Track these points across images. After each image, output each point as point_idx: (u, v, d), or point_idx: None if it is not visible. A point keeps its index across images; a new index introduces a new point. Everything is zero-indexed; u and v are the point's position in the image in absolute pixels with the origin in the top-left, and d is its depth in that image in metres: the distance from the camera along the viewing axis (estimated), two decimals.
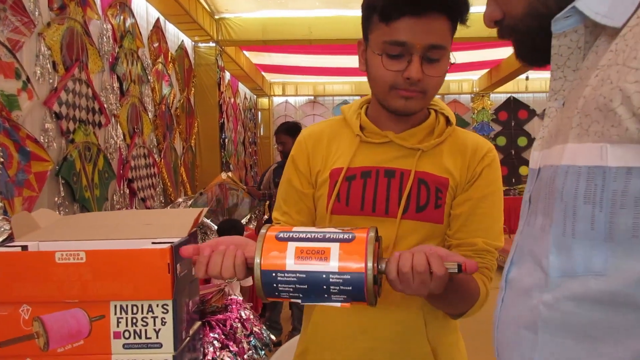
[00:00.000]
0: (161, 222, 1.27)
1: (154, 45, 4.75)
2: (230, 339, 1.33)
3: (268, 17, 6.16)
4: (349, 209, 1.04)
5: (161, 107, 4.82)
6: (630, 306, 0.52)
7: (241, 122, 8.84)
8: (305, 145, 1.12)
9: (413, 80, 0.94)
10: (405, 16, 0.93)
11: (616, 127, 0.51)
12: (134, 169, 4.05)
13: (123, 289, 1.04)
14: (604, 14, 0.57)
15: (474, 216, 1.02)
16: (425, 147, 1.03)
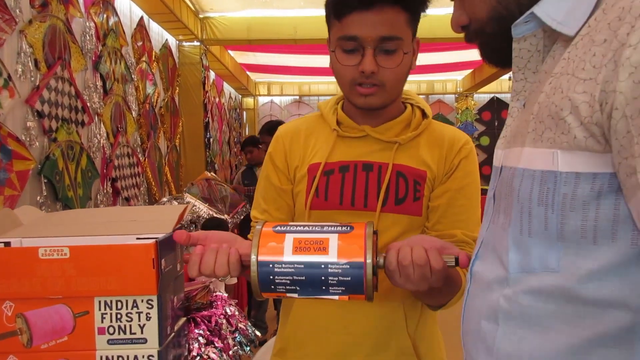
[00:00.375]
0: (146, 218, 1.27)
1: (138, 43, 4.72)
2: (215, 335, 1.34)
3: (253, 16, 6.15)
4: (328, 203, 1.04)
5: (145, 106, 4.79)
6: (580, 299, 0.56)
7: (226, 121, 8.81)
8: (283, 142, 1.12)
9: (367, 73, 0.95)
10: (355, 10, 0.94)
11: (566, 135, 0.54)
12: (118, 168, 4.02)
13: (107, 285, 1.04)
14: (559, 20, 0.60)
15: (452, 208, 1.04)
16: (402, 140, 1.04)
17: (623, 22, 0.50)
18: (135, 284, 1.04)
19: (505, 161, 0.66)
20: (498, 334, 0.63)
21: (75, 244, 1.05)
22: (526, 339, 0.61)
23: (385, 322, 1.04)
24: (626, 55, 0.48)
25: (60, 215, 1.36)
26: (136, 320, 1.06)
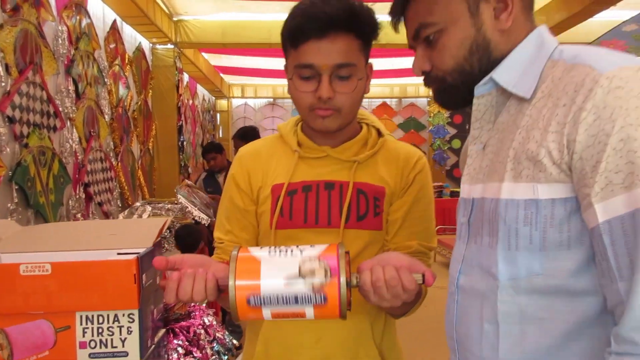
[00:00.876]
0: (125, 232, 1.28)
1: (111, 46, 4.67)
2: (194, 345, 1.36)
3: (227, 20, 6.14)
4: (293, 222, 1.07)
5: (118, 109, 4.74)
6: (564, 292, 0.73)
7: (199, 124, 8.76)
8: (246, 163, 1.14)
9: (324, 98, 0.99)
10: (310, 39, 0.98)
11: (543, 172, 0.72)
12: (90, 173, 3.98)
13: (89, 300, 1.06)
14: (513, 85, 0.78)
15: (409, 220, 1.09)
16: (360, 159, 1.08)
17: (578, 93, 0.69)
18: (117, 299, 1.06)
19: (481, 194, 0.81)
20: (500, 331, 0.77)
21: (57, 260, 1.06)
22: (526, 332, 0.75)
23: (354, 334, 1.08)
24: (583, 116, 0.67)
25: (39, 229, 1.37)
26: (117, 334, 1.08)
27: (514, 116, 0.78)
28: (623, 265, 0.66)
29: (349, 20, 0.99)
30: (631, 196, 0.64)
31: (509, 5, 0.80)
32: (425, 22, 0.82)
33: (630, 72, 0.67)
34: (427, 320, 4.10)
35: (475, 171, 0.84)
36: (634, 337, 0.64)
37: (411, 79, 10.14)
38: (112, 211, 4.40)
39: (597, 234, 0.67)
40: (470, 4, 0.80)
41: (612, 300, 0.69)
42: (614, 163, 0.65)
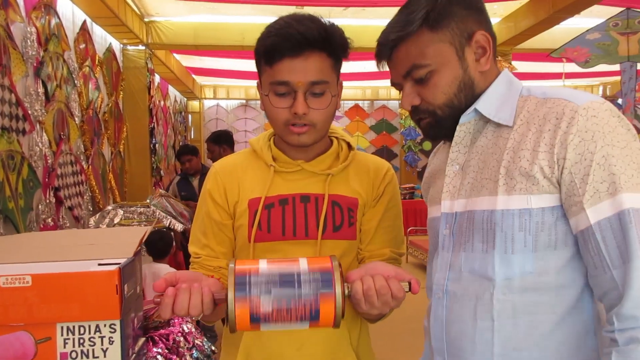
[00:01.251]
0: (105, 242, 1.29)
1: (81, 47, 4.60)
2: (173, 352, 1.37)
3: (200, 21, 6.11)
4: (271, 235, 1.10)
5: (88, 112, 4.67)
6: (551, 287, 0.86)
7: (171, 125, 8.67)
8: (221, 178, 1.16)
9: (300, 114, 1.04)
10: (285, 58, 1.02)
11: (535, 185, 0.85)
12: (61, 177, 3.91)
13: (70, 311, 1.06)
14: (494, 115, 0.93)
15: (381, 229, 1.14)
16: (334, 172, 1.13)
17: (561, 120, 0.84)
18: (99, 310, 1.07)
19: (467, 207, 0.93)
20: (495, 327, 0.88)
21: (37, 271, 1.06)
22: (518, 325, 0.87)
23: (333, 340, 1.11)
24: (570, 139, 0.83)
25: (17, 239, 1.35)
26: (99, 345, 1.08)
27: (492, 140, 0.93)
28: (614, 257, 0.80)
29: (322, 40, 1.03)
30: (615, 201, 0.80)
31: (487, 51, 0.94)
32: (419, 63, 0.92)
33: (598, 104, 0.85)
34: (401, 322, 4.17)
35: (456, 188, 0.96)
36: (635, 314, 0.77)
37: (383, 82, 10.24)
38: (82, 215, 4.33)
39: (590, 234, 0.82)
40: (457, 49, 0.92)
41: (603, 288, 0.83)
42: (599, 175, 0.81)
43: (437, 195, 1.03)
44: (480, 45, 0.94)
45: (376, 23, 6.33)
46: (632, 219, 0.78)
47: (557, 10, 4.94)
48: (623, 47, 5.38)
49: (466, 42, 0.93)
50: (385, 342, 3.95)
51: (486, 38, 0.93)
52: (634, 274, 0.78)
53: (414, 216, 9.40)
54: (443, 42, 0.92)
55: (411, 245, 7.33)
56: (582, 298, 0.87)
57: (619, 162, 0.81)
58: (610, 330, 0.81)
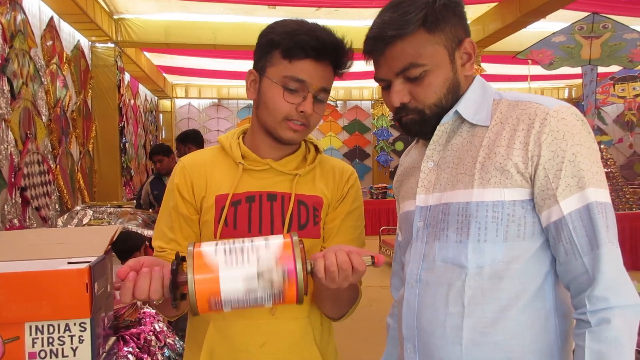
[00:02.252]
0: (74, 241, 1.27)
1: (48, 44, 4.51)
2: (144, 351, 1.36)
3: (171, 20, 6.05)
4: (237, 232, 1.11)
5: (56, 110, 4.58)
6: (518, 275, 0.92)
7: (142, 124, 8.55)
8: (189, 173, 1.17)
9: (306, 114, 1.07)
10: (310, 58, 1.05)
11: (509, 179, 0.92)
12: (27, 177, 3.83)
13: (39, 310, 1.05)
14: (472, 117, 0.99)
15: (344, 229, 1.18)
16: (301, 172, 1.15)
17: (534, 121, 0.92)
18: (68, 309, 1.06)
19: (442, 200, 0.99)
20: (465, 312, 0.93)
21: (5, 270, 1.05)
22: (486, 310, 0.93)
23: (296, 337, 1.13)
24: (544, 138, 0.90)
25: None
26: (69, 344, 1.07)
27: (467, 139, 1.00)
28: (584, 244, 0.88)
29: (337, 54, 1.08)
30: (583, 194, 0.88)
31: (472, 57, 1.01)
32: (415, 62, 0.96)
33: (566, 108, 0.93)
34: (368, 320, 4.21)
35: (430, 183, 1.02)
36: (606, 295, 0.85)
37: (355, 82, 10.31)
38: (50, 216, 4.24)
39: (563, 224, 0.89)
40: (450, 52, 0.98)
41: (572, 274, 0.90)
42: (569, 171, 0.89)
43: (411, 191, 1.08)
44: (467, 51, 1.00)
45: (348, 24, 6.37)
46: (598, 210, 0.88)
47: (524, 14, 5.07)
48: (586, 51, 5.56)
49: (456, 47, 0.99)
50: (349, 340, 3.99)
51: (472, 45, 1.00)
52: (603, 259, 0.86)
53: (387, 216, 9.49)
54: (439, 44, 0.97)
55: (384, 245, 7.40)
56: (544, 285, 0.94)
57: (585, 160, 0.90)
58: (582, 312, 0.87)
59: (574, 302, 0.91)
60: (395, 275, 1.26)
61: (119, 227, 1.27)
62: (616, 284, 0.86)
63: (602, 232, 0.87)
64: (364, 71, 7.94)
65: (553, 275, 0.95)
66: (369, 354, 3.77)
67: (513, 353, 0.92)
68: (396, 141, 11.36)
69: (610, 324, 0.84)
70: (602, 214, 0.88)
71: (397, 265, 1.26)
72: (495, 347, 0.93)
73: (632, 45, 5.55)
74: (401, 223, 1.15)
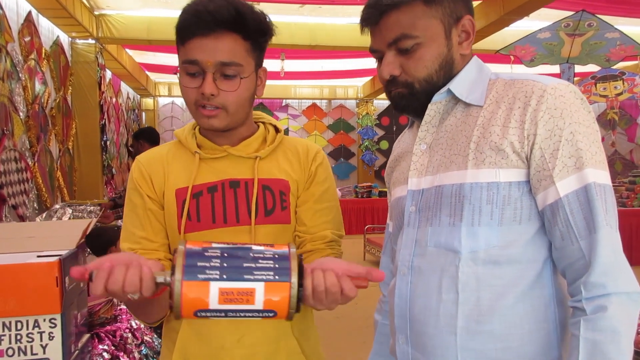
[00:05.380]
0: (45, 235, 1.23)
1: (26, 39, 4.40)
2: (120, 349, 1.32)
3: (153, 16, 5.96)
4: (201, 224, 1.07)
5: (34, 106, 4.48)
6: (514, 261, 0.89)
7: (124, 123, 8.44)
8: (147, 169, 1.12)
9: (207, 95, 1.01)
10: (196, 36, 1.00)
11: (505, 159, 0.88)
12: (4, 174, 3.74)
13: (6, 305, 1.01)
14: (465, 96, 0.96)
15: (320, 211, 1.12)
16: (262, 154, 1.11)
17: (530, 98, 0.89)
18: (37, 304, 1.02)
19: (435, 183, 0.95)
20: (459, 299, 0.90)
21: None
22: (481, 298, 0.89)
23: (275, 329, 1.09)
24: (540, 115, 0.87)
25: None
26: (38, 340, 1.03)
27: (461, 119, 0.96)
28: (581, 227, 0.84)
29: (235, 21, 1.00)
30: (581, 175, 0.85)
31: (470, 36, 0.99)
32: (408, 34, 0.93)
33: (564, 86, 0.90)
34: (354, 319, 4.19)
35: (423, 166, 0.99)
36: (603, 281, 0.81)
37: (340, 81, 10.30)
38: (28, 214, 4.15)
39: (560, 206, 0.85)
40: (446, 28, 0.96)
41: (569, 259, 0.86)
42: (567, 150, 0.86)
43: (403, 176, 1.05)
44: (465, 29, 0.98)
45: (332, 21, 6.35)
46: (597, 192, 0.84)
47: (507, 12, 5.09)
48: (566, 49, 5.60)
49: (454, 24, 0.96)
50: (334, 339, 3.96)
51: (472, 23, 0.98)
52: (600, 244, 0.82)
53: (372, 214, 9.49)
54: (435, 18, 0.94)
55: (369, 243, 7.40)
56: (543, 273, 0.90)
57: (584, 139, 0.86)
58: (578, 299, 0.84)
59: (569, 290, 0.88)
60: (384, 269, 1.23)
61: (92, 221, 1.23)
62: (613, 270, 0.82)
63: (601, 215, 0.83)
64: (349, 70, 7.97)
65: (552, 262, 0.91)
66: (355, 353, 3.75)
67: (510, 343, 0.89)
68: (381, 140, 11.38)
69: (607, 311, 0.80)
70: (600, 195, 0.84)
71: (387, 258, 1.22)
72: (491, 336, 0.89)
73: (611, 44, 5.61)
74: (392, 210, 1.11)
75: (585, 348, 0.81)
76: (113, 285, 0.77)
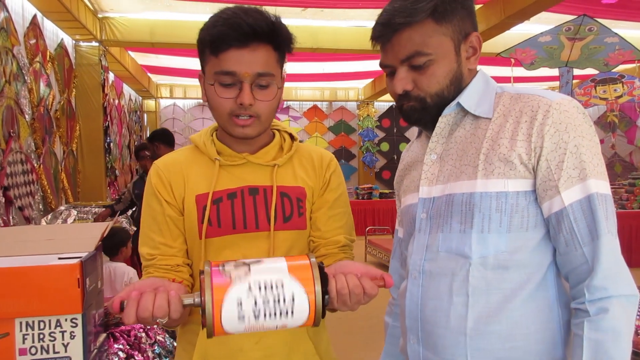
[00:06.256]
0: (64, 237, 1.27)
1: (31, 42, 4.45)
2: (135, 348, 1.36)
3: (156, 19, 6.01)
4: (222, 230, 1.09)
5: (39, 109, 4.52)
6: (522, 266, 0.94)
7: (126, 124, 8.48)
8: (166, 175, 1.14)
9: (245, 105, 1.04)
10: (232, 48, 1.02)
11: (513, 170, 0.94)
12: (10, 176, 3.77)
13: (30, 306, 1.05)
14: (474, 109, 1.01)
15: (333, 217, 1.17)
16: (280, 162, 1.14)
17: (537, 113, 0.94)
18: (60, 304, 1.06)
19: (445, 191, 1.00)
20: (470, 302, 0.95)
21: None
22: (490, 300, 0.94)
23: (289, 331, 1.10)
24: (546, 129, 0.93)
25: None
26: (60, 339, 1.07)
27: (470, 131, 1.02)
28: (585, 234, 0.90)
29: (269, 33, 1.04)
30: (585, 185, 0.91)
31: (477, 51, 1.04)
32: (421, 51, 0.98)
33: (567, 101, 0.96)
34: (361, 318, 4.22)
35: (434, 175, 1.05)
36: (605, 284, 0.87)
37: (341, 83, 10.35)
38: (34, 216, 4.19)
39: (564, 215, 0.91)
40: (455, 45, 1.00)
41: (572, 264, 0.92)
42: (571, 162, 0.91)
43: (413, 184, 1.10)
44: (472, 45, 1.02)
45: (334, 24, 6.39)
46: (599, 201, 0.90)
47: (508, 16, 5.13)
48: (566, 52, 5.64)
49: (463, 40, 1.01)
50: (344, 339, 4.00)
51: (478, 40, 1.03)
52: (603, 250, 0.88)
53: (372, 216, 9.52)
54: (445, 35, 0.99)
55: (370, 245, 7.43)
56: (547, 276, 0.96)
57: (587, 152, 0.92)
58: (581, 302, 0.90)
59: (572, 292, 0.93)
60: (393, 273, 1.27)
61: (109, 224, 1.27)
62: (614, 274, 0.88)
63: (602, 223, 0.89)
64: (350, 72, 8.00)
65: (555, 266, 0.97)
66: (365, 352, 3.79)
67: (517, 342, 0.94)
68: (381, 142, 11.42)
69: (609, 313, 0.86)
70: (602, 205, 0.90)
71: (396, 262, 1.26)
72: (499, 336, 0.94)
73: (610, 49, 5.65)
74: (402, 217, 1.16)
75: (588, 347, 0.87)
76: (143, 312, 0.81)
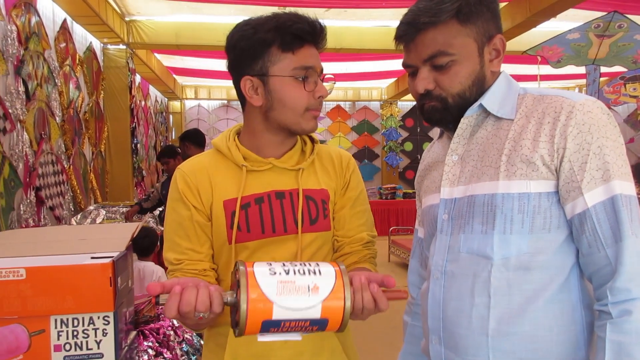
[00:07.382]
0: (96, 237, 1.30)
1: (61, 46, 4.56)
2: (163, 346, 1.39)
3: (182, 21, 6.10)
4: (251, 235, 1.11)
5: (69, 111, 4.63)
6: (544, 267, 0.94)
7: (152, 125, 8.62)
8: (192, 180, 1.14)
9: (325, 96, 1.11)
10: (309, 44, 1.09)
11: (535, 172, 0.94)
12: (42, 177, 3.88)
13: (64, 303, 1.08)
14: (497, 110, 1.01)
15: (355, 215, 1.20)
16: (304, 166, 1.17)
17: (560, 114, 0.94)
18: (93, 302, 1.09)
19: (467, 192, 1.00)
20: (491, 303, 0.95)
21: (31, 264, 1.08)
22: (512, 301, 0.94)
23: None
24: (569, 130, 0.92)
25: (10, 234, 1.36)
26: (93, 336, 1.10)
27: (492, 132, 1.02)
28: (608, 236, 0.89)
29: (322, 33, 1.11)
30: (609, 187, 0.90)
31: (500, 54, 1.04)
32: (444, 51, 0.98)
33: (591, 102, 0.95)
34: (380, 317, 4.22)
35: (455, 176, 1.05)
36: (628, 286, 0.86)
37: (364, 83, 10.32)
38: (64, 215, 4.29)
39: (587, 216, 0.91)
40: (479, 46, 1.01)
41: (596, 266, 0.91)
42: (594, 163, 0.91)
43: (434, 185, 1.10)
44: (496, 47, 1.03)
45: (357, 24, 6.38)
46: (623, 203, 0.89)
47: (534, 13, 5.05)
48: (593, 50, 5.53)
49: (486, 42, 1.01)
50: (364, 337, 4.00)
51: (502, 42, 1.03)
52: (626, 251, 0.87)
53: (396, 216, 9.49)
54: (469, 36, 0.99)
55: (393, 245, 7.40)
56: (570, 278, 0.96)
57: (611, 153, 0.91)
58: (604, 304, 0.89)
59: (596, 294, 0.93)
60: (413, 273, 1.27)
61: (140, 224, 1.30)
62: (638, 276, 0.87)
63: (626, 224, 0.88)
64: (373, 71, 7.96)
65: (578, 267, 0.96)
66: (384, 349, 3.79)
67: (539, 344, 0.94)
68: (405, 142, 11.36)
69: (632, 315, 0.85)
70: (626, 206, 0.89)
71: (416, 262, 1.27)
72: (521, 337, 0.94)
73: (639, 46, 5.52)
74: (423, 217, 1.16)
75: (611, 349, 0.86)
76: (185, 306, 0.82)
